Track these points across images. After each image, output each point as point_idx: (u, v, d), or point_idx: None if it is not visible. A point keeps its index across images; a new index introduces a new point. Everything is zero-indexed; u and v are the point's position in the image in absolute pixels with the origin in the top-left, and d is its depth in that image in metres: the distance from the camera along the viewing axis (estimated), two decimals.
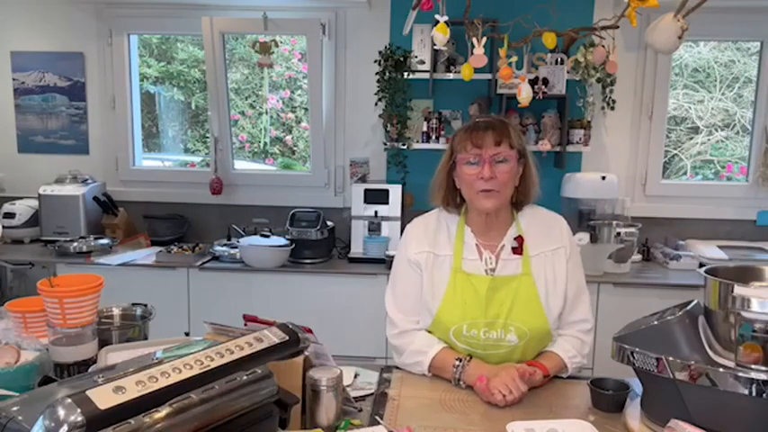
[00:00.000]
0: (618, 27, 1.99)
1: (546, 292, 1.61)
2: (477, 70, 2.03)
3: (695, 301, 1.34)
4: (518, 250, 1.62)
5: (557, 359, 1.61)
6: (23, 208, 3.45)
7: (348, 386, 1.49)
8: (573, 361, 1.62)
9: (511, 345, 1.58)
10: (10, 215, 3.42)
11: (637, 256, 3.23)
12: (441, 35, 1.87)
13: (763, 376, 1.11)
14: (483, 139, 1.55)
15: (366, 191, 3.27)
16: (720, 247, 3.16)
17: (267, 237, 3.13)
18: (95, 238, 3.25)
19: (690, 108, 3.97)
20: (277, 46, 3.49)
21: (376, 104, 3.30)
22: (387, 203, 3.26)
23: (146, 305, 1.71)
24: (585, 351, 1.67)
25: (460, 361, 1.55)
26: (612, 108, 3.23)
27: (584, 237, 3.04)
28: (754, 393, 1.11)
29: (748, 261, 3.03)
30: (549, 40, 1.95)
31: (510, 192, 1.61)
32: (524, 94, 2.08)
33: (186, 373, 0.98)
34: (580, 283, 1.68)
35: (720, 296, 1.20)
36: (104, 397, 0.87)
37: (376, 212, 3.25)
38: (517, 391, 1.43)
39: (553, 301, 1.61)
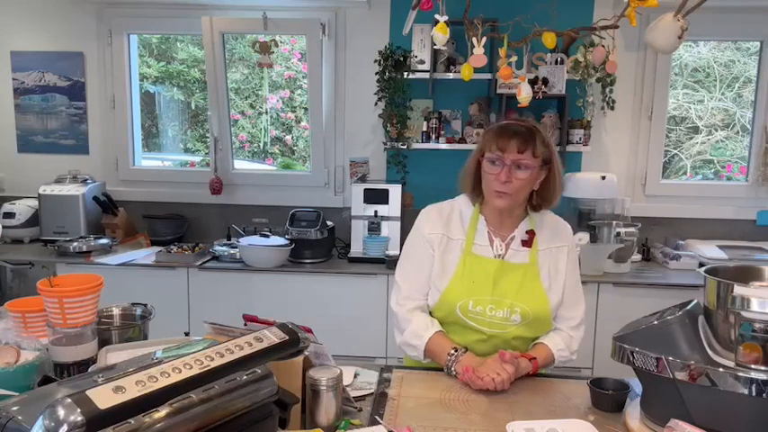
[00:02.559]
0: (618, 27, 1.98)
1: (548, 282, 1.70)
2: (476, 70, 2.02)
3: (695, 301, 1.34)
4: (528, 243, 1.70)
5: (545, 349, 1.69)
6: (23, 208, 3.45)
7: (348, 386, 1.49)
8: (561, 354, 1.69)
9: (515, 324, 1.66)
10: (10, 215, 3.42)
11: (636, 256, 3.23)
12: (440, 35, 1.87)
13: (762, 376, 1.11)
14: (507, 144, 1.60)
15: (366, 191, 3.27)
16: (720, 247, 3.16)
17: (267, 237, 3.13)
18: (95, 238, 3.25)
19: (690, 108, 3.97)
20: (277, 46, 3.49)
21: (376, 104, 3.30)
22: (386, 203, 3.25)
23: (146, 305, 1.72)
24: (574, 347, 1.73)
25: (456, 351, 1.62)
26: (612, 108, 3.23)
27: (584, 236, 3.04)
28: (753, 393, 1.11)
29: (748, 261, 3.02)
30: (549, 39, 1.94)
31: (523, 196, 1.67)
32: (524, 94, 2.07)
33: (186, 373, 0.98)
34: (577, 281, 1.77)
35: (720, 296, 1.20)
36: (104, 397, 0.87)
37: (376, 212, 3.25)
38: (504, 372, 1.50)
39: (554, 292, 1.70)
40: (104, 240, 3.25)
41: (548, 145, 1.65)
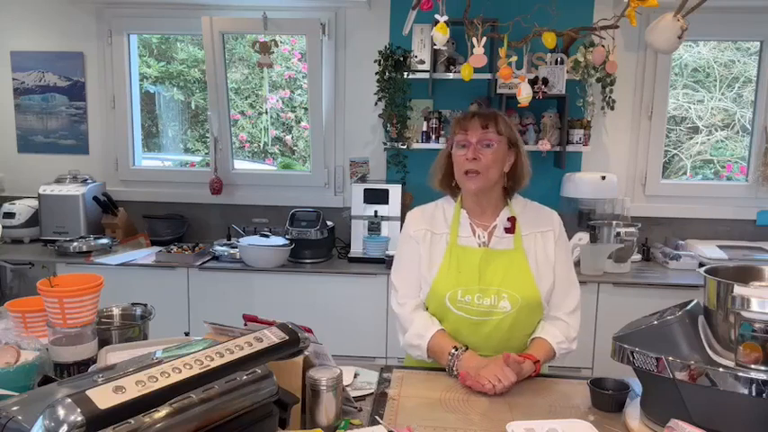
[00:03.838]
0: (618, 27, 1.98)
1: (536, 266, 1.71)
2: (476, 70, 2.02)
3: (695, 301, 1.34)
4: (510, 230, 1.73)
5: (545, 345, 1.68)
6: (23, 208, 3.45)
7: (348, 386, 1.50)
8: (560, 347, 1.69)
9: (504, 311, 1.66)
10: (10, 215, 3.42)
11: (637, 256, 3.23)
12: (440, 35, 1.87)
13: (762, 376, 1.11)
14: (470, 124, 1.69)
15: (366, 190, 3.27)
16: (720, 247, 3.16)
17: (267, 237, 3.13)
18: (95, 238, 3.25)
19: (690, 108, 3.97)
20: (277, 46, 3.49)
21: (376, 104, 3.30)
22: (386, 203, 3.25)
23: (146, 305, 1.72)
24: (572, 335, 1.73)
25: (456, 350, 1.63)
26: (612, 108, 3.22)
27: (584, 237, 3.04)
28: (753, 393, 1.11)
29: (748, 261, 3.02)
30: (549, 39, 1.94)
31: (494, 175, 1.70)
32: (524, 94, 2.07)
33: (186, 373, 0.98)
34: (569, 267, 1.77)
35: (720, 296, 1.20)
36: (104, 397, 0.87)
37: (376, 212, 3.25)
38: (506, 379, 1.50)
39: (544, 276, 1.71)
40: (104, 240, 3.25)
41: (511, 127, 1.73)
